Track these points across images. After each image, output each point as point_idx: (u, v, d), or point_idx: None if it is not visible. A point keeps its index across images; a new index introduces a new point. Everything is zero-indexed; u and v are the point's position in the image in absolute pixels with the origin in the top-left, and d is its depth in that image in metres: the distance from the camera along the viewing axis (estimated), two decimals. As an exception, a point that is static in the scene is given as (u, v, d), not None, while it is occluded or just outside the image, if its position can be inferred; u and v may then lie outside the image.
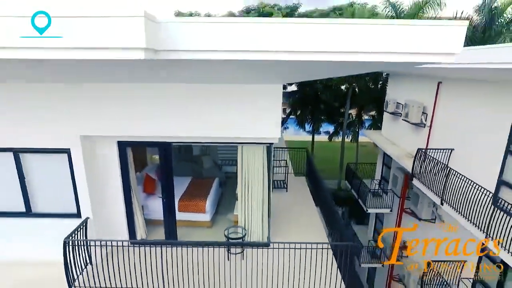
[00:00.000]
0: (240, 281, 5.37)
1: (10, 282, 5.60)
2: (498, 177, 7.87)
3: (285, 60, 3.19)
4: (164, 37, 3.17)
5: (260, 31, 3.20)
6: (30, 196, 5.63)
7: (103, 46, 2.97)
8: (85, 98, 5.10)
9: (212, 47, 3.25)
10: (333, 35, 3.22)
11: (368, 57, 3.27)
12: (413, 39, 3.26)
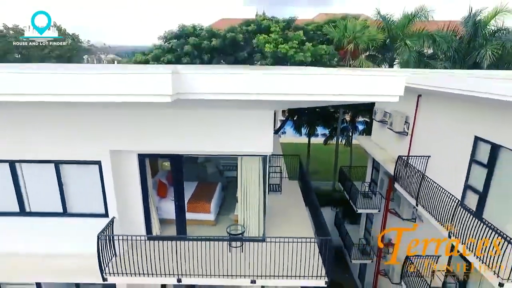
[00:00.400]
0: (239, 270, 6.54)
1: (50, 271, 6.78)
2: (464, 182, 9.05)
3: (271, 100, 4.39)
4: (183, 83, 4.39)
5: (250, 79, 4.43)
6: (67, 199, 6.81)
7: (144, 93, 4.18)
8: (113, 120, 6.28)
9: (217, 90, 4.48)
10: (309, 83, 4.44)
11: (337, 98, 4.49)
12: (368, 86, 4.47)
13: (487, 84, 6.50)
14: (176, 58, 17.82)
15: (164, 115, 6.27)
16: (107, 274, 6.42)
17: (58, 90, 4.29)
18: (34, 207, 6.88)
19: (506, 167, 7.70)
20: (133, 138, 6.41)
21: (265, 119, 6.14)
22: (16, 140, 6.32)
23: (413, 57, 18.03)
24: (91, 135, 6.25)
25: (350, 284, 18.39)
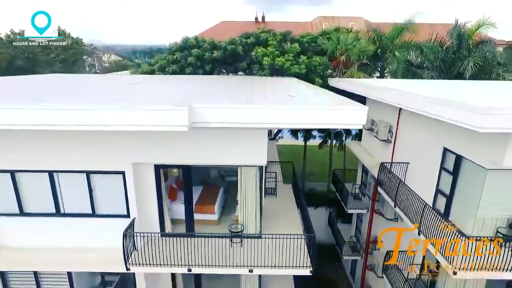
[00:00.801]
0: (239, 261, 7.88)
1: (81, 262, 8.12)
2: (436, 186, 10.40)
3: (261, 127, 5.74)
4: (196, 116, 5.75)
5: (248, 113, 5.78)
6: (95, 203, 8.14)
7: (167, 124, 5.51)
8: (135, 137, 7.60)
9: (221, 120, 5.84)
10: (293, 115, 5.79)
11: (313, 126, 5.86)
12: (338, 117, 5.83)
13: (437, 108, 7.86)
14: (180, 68, 19.10)
15: (178, 134, 7.59)
16: (130, 264, 7.76)
17: (97, 122, 5.64)
18: (68, 209, 8.22)
19: (467, 175, 9.05)
20: (152, 153, 7.74)
21: (259, 138, 7.48)
22: (54, 153, 7.64)
23: (401, 67, 19.31)
24: (116, 150, 7.58)
25: (343, 279, 19.74)
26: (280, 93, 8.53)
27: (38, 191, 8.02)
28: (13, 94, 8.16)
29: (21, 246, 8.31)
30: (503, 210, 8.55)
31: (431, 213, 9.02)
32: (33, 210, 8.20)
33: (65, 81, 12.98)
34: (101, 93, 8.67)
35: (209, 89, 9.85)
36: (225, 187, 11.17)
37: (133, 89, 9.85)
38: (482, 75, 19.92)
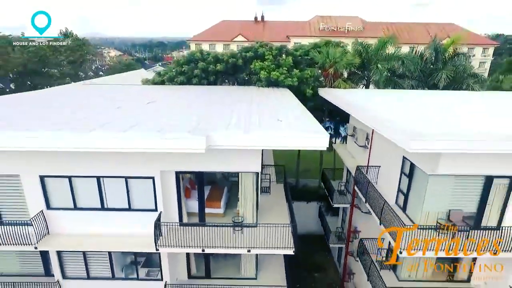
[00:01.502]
0: (240, 244, 10.50)
1: (119, 244, 10.74)
2: (397, 186, 13.00)
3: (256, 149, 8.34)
4: (211, 141, 8.29)
5: (246, 138, 8.34)
6: (131, 200, 10.73)
7: (189, 148, 8.06)
8: (163, 153, 10.14)
9: (231, 144, 8.38)
10: (274, 140, 8.36)
11: (287, 148, 8.42)
12: (307, 142, 8.38)
13: (383, 130, 10.45)
14: (187, 79, 21.54)
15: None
16: (158, 246, 10.39)
17: (140, 146, 8.22)
18: (110, 204, 10.81)
19: (417, 179, 11.65)
20: (174, 163, 10.30)
21: (255, 153, 10.04)
22: (101, 163, 10.19)
23: (383, 79, 21.77)
24: (149, 162, 10.13)
25: (331, 264, 22.46)
26: (272, 116, 11.06)
27: (88, 191, 10.60)
28: (61, 121, 10.70)
29: (74, 233, 10.93)
30: (441, 206, 11.15)
31: (388, 208, 11.66)
32: (84, 205, 10.79)
33: (96, 100, 15.53)
34: (132, 116, 11.20)
35: (216, 109, 12.38)
36: (228, 186, 13.73)
37: (153, 109, 12.38)
38: (455, 85, 22.38)
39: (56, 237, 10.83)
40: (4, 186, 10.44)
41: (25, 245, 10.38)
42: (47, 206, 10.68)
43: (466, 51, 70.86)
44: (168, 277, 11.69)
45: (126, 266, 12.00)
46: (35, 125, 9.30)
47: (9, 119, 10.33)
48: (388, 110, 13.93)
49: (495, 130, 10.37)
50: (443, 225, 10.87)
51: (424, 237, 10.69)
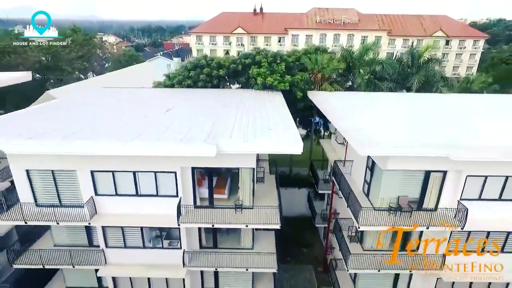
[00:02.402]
0: (240, 220, 14.13)
1: (149, 221, 14.36)
2: (364, 177, 16.55)
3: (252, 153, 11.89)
4: (220, 147, 11.84)
5: (245, 145, 11.88)
6: (158, 188, 14.28)
7: (203, 153, 11.62)
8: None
9: (234, 150, 11.94)
10: (266, 148, 11.96)
11: (275, 152, 12.00)
12: (287, 148, 11.97)
13: (345, 133, 13.91)
14: (194, 82, 24.78)
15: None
16: (179, 222, 14.01)
17: (167, 152, 11.69)
18: (143, 191, 14.35)
19: (376, 172, 15.18)
20: (191, 161, 13.77)
21: (250, 156, 13.53)
22: (136, 160, 13.64)
23: (364, 82, 25.03)
24: (172, 160, 13.59)
25: (317, 241, 26.31)
26: (264, 124, 14.51)
27: (126, 181, 14.13)
28: (107, 131, 14.15)
29: (115, 213, 14.53)
30: (392, 193, 14.72)
31: (352, 195, 15.27)
32: (123, 192, 14.34)
33: (124, 106, 18.91)
34: (157, 124, 14.63)
35: (222, 117, 15.81)
36: (231, 177, 17.23)
37: (172, 117, 15.79)
38: (427, 87, 25.69)
39: (102, 216, 14.44)
40: (64, 178, 13.95)
41: (81, 222, 14.01)
42: (95, 193, 14.22)
43: (458, 43, 73.68)
44: (185, 246, 15.40)
45: (153, 238, 15.67)
46: (88, 136, 12.76)
47: (63, 130, 13.74)
48: (356, 115, 17.34)
49: (432, 136, 13.89)
50: (393, 208, 14.51)
51: (380, 216, 14.32)
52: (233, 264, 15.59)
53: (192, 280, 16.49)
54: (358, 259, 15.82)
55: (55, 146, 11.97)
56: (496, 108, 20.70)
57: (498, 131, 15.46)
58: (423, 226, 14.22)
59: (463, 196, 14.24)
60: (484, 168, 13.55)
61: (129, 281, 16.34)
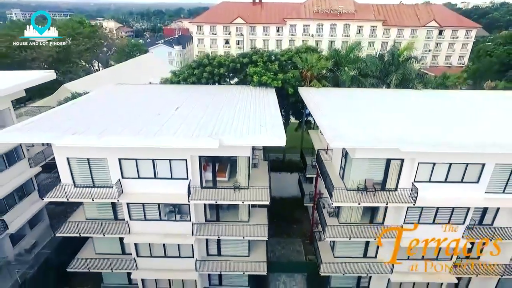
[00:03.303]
0: (238, 198, 17.76)
1: (164, 198, 17.99)
2: (340, 163, 20.09)
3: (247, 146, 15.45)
4: (221, 141, 15.39)
5: (241, 140, 15.42)
6: (172, 172, 17.81)
7: (208, 146, 15.17)
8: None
9: (233, 143, 15.48)
10: (256, 141, 15.52)
11: (262, 145, 15.58)
12: (273, 141, 15.53)
13: (321, 128, 17.36)
14: (198, 79, 27.97)
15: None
16: (189, 200, 17.63)
17: (183, 145, 15.20)
18: (160, 175, 17.89)
19: (348, 159, 18.70)
20: (199, 150, 17.23)
21: (246, 148, 17.00)
22: (155, 150, 17.11)
23: (348, 79, 28.16)
24: (184, 150, 17.05)
25: (306, 218, 30.10)
26: (256, 120, 17.93)
27: (146, 167, 17.65)
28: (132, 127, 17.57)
29: (137, 192, 18.12)
30: (360, 176, 18.25)
31: (329, 178, 18.86)
32: (144, 176, 17.88)
33: (139, 104, 22.28)
34: (171, 121, 18.03)
35: (223, 114, 19.21)
36: (230, 163, 20.74)
37: (181, 115, 19.17)
38: (405, 83, 28.84)
39: (127, 194, 18.03)
40: (97, 165, 17.46)
41: (111, 199, 17.64)
42: (122, 176, 17.76)
43: (450, 33, 75.89)
44: (194, 219, 19.07)
45: (167, 213, 19.31)
46: (117, 132, 16.21)
47: (96, 127, 17.16)
48: (335, 111, 20.70)
49: (393, 130, 17.34)
50: (360, 188, 18.11)
51: (350, 195, 17.90)
52: (232, 233, 19.34)
53: (199, 246, 20.32)
54: (333, 230, 19.55)
55: (93, 140, 15.46)
56: (455, 104, 24.03)
57: (449, 125, 18.91)
58: (384, 203, 17.84)
59: (416, 179, 17.79)
60: (432, 156, 17.01)
61: (148, 247, 20.15)
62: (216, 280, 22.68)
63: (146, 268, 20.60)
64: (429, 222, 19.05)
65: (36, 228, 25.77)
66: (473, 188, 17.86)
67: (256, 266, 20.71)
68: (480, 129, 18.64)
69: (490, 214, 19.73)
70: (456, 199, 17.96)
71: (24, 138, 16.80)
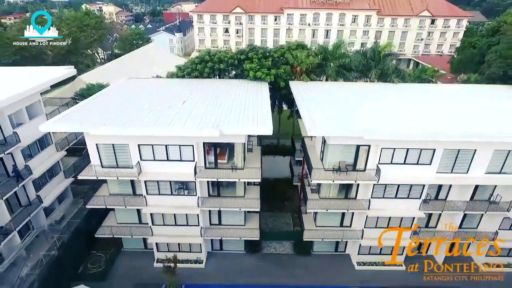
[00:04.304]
0: (236, 176, 21.90)
1: (175, 176, 22.13)
2: (320, 148, 24.12)
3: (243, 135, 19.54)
4: (222, 131, 19.47)
5: (238, 130, 19.46)
6: (181, 155, 21.84)
7: (210, 135, 19.25)
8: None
9: (232, 132, 19.53)
10: (248, 131, 19.62)
11: (251, 134, 19.69)
12: (261, 130, 19.60)
13: (303, 118, 21.39)
14: (200, 73, 31.62)
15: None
16: (195, 178, 21.76)
17: (189, 134, 19.25)
18: (171, 157, 21.90)
19: (326, 146, 22.73)
20: (203, 138, 21.20)
21: (241, 136, 20.97)
22: (167, 138, 21.06)
23: (333, 74, 31.80)
24: (191, 138, 21.01)
25: (295, 196, 34.35)
26: (251, 114, 21.88)
27: (160, 151, 21.66)
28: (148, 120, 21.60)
29: (153, 171, 22.20)
30: (335, 159, 22.31)
31: (310, 161, 22.95)
32: (158, 158, 21.91)
33: (153, 98, 26.17)
34: (180, 113, 21.97)
35: (223, 107, 23.12)
36: (229, 148, 24.69)
37: (188, 108, 23.07)
38: (384, 78, 32.49)
39: (144, 173, 22.10)
40: (120, 149, 21.45)
41: (131, 177, 21.78)
42: (140, 158, 21.78)
43: (442, 22, 78.43)
44: (199, 193, 23.25)
45: (177, 189, 23.47)
46: (137, 123, 20.18)
47: (120, 119, 21.08)
48: (317, 103, 24.54)
49: (362, 120, 21.29)
50: (335, 168, 22.20)
51: (327, 174, 22.00)
52: (230, 206, 23.59)
53: (203, 217, 24.65)
54: (314, 203, 23.79)
55: (120, 131, 19.44)
56: (421, 97, 27.84)
57: (411, 116, 22.82)
58: (353, 181, 21.98)
59: (380, 161, 21.84)
60: (392, 143, 20.99)
61: (161, 217, 24.48)
62: (217, 245, 27.21)
63: (160, 234, 25.02)
64: (391, 197, 23.24)
65: (63, 203, 30.08)
66: (426, 169, 21.93)
67: (250, 233, 25.13)
68: (436, 120, 22.56)
69: (444, 191, 23.96)
70: (413, 178, 22.08)
71: (66, 128, 20.82)
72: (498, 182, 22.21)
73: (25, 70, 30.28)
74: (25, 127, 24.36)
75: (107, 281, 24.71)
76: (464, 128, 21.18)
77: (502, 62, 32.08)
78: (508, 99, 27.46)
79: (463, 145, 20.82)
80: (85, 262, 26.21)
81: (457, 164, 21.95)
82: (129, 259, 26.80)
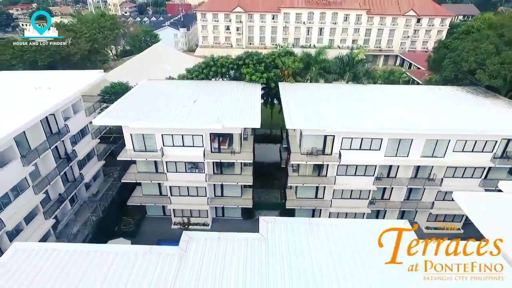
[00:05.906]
0: (234, 159, 29.35)
1: (189, 159, 29.63)
2: (299, 137, 31.48)
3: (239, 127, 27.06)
4: (224, 124, 26.93)
5: (237, 123, 26.96)
6: (193, 142, 29.22)
7: (215, 127, 26.78)
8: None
9: (233, 125, 27.00)
10: (242, 124, 27.17)
11: (244, 127, 27.21)
12: (251, 123, 27.14)
13: (285, 114, 28.82)
14: (206, 76, 38.76)
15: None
16: (204, 159, 29.22)
17: (201, 127, 26.69)
18: (186, 144, 29.25)
19: (303, 136, 30.12)
20: (210, 130, 28.54)
21: (238, 128, 28.31)
22: (184, 130, 28.37)
23: (315, 76, 38.84)
24: (201, 129, 28.36)
25: (284, 176, 41.84)
26: (244, 110, 29.20)
27: (177, 139, 28.99)
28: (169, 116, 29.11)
29: (172, 154, 29.64)
30: (308, 145, 29.70)
31: (290, 148, 30.39)
32: (176, 144, 29.26)
33: (171, 97, 33.58)
34: (192, 111, 29.31)
35: (224, 105, 30.46)
36: (229, 137, 31.97)
37: (198, 106, 30.40)
38: (356, 80, 39.56)
39: (166, 156, 29.48)
40: (148, 137, 28.83)
41: (156, 158, 29.28)
42: (163, 144, 29.19)
43: (427, 21, 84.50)
44: (206, 171, 30.72)
45: (190, 167, 30.95)
46: (162, 118, 27.55)
47: (149, 115, 28.44)
48: (297, 101, 31.73)
49: (328, 116, 28.62)
50: (308, 153, 29.59)
51: (302, 157, 29.38)
52: (230, 181, 31.15)
53: (209, 189, 32.26)
54: (293, 179, 31.32)
55: (150, 124, 26.84)
56: (382, 96, 34.99)
57: (368, 113, 30.05)
58: (321, 162, 29.41)
59: (341, 147, 29.20)
60: (350, 134, 28.31)
61: (178, 189, 32.10)
62: (220, 213, 34.96)
63: (176, 202, 32.69)
64: (352, 174, 30.71)
65: (97, 181, 37.80)
66: (376, 153, 29.33)
67: (245, 202, 32.79)
68: (386, 116, 29.82)
69: (394, 170, 31.40)
70: (366, 160, 29.50)
71: (111, 122, 28.28)
72: (430, 163, 29.64)
73: (68, 74, 37.64)
74: (72, 120, 31.80)
75: (137, 238, 32.51)
76: (404, 123, 28.49)
77: (453, 67, 39.02)
78: (448, 100, 34.65)
79: (402, 136, 28.18)
80: (118, 225, 34.02)
81: (400, 149, 29.33)
82: (152, 222, 34.60)
